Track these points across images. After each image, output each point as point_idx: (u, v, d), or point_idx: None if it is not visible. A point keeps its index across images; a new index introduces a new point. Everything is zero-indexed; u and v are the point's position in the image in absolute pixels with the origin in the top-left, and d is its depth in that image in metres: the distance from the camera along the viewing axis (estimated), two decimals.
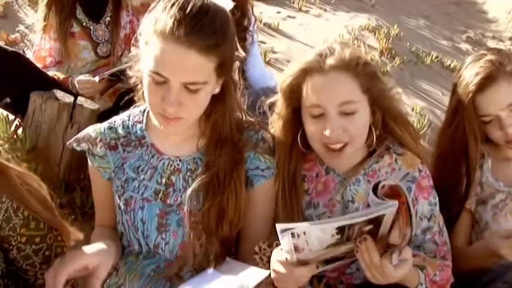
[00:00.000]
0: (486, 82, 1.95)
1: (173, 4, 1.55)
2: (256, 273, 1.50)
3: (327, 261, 1.52)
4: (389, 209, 1.39)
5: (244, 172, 1.74)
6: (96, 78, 2.55)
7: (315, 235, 1.39)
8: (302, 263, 1.46)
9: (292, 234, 1.38)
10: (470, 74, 1.99)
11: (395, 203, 1.40)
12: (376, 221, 1.41)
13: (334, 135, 1.66)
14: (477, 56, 2.05)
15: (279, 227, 1.38)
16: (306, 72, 1.70)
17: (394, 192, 1.44)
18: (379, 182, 1.45)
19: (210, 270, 1.64)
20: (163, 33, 1.53)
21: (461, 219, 2.08)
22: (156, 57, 1.55)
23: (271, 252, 1.55)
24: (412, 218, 1.45)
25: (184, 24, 1.52)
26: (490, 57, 1.99)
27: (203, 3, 1.57)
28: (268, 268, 1.54)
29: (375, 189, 1.44)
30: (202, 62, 1.55)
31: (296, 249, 1.41)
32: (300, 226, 1.39)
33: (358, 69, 1.67)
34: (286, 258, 1.46)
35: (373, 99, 1.71)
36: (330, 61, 1.67)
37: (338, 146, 1.69)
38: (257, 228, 1.77)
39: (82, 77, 2.63)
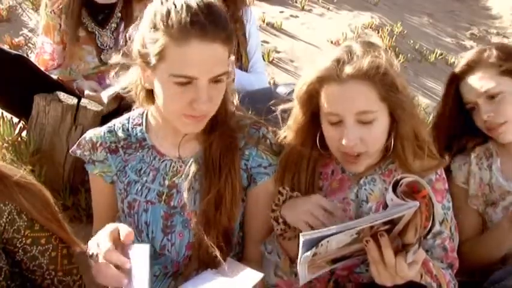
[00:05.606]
0: (466, 70, 2.01)
1: (175, 5, 1.51)
2: (252, 276, 1.51)
3: (335, 260, 1.50)
4: (410, 210, 1.35)
5: (247, 170, 1.74)
6: (105, 99, 2.52)
7: (336, 240, 1.37)
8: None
9: (317, 246, 1.35)
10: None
11: (417, 203, 1.36)
12: (394, 221, 1.38)
13: (351, 145, 1.63)
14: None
15: (304, 237, 1.33)
16: (322, 80, 1.65)
17: (413, 190, 1.39)
18: (399, 180, 1.40)
19: (209, 271, 1.63)
20: (182, 34, 1.49)
21: (467, 220, 2.02)
22: (178, 60, 1.51)
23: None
24: (434, 209, 1.41)
25: (202, 19, 1.50)
26: (481, 48, 2.06)
27: None
28: (284, 226, 1.63)
29: (394, 187, 1.39)
30: (223, 52, 1.56)
31: (314, 255, 1.38)
32: (325, 234, 1.34)
33: (376, 78, 1.60)
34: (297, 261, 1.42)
35: (391, 108, 1.65)
36: (348, 70, 1.60)
37: (355, 153, 1.66)
38: (261, 226, 1.76)
39: (89, 92, 2.63)
